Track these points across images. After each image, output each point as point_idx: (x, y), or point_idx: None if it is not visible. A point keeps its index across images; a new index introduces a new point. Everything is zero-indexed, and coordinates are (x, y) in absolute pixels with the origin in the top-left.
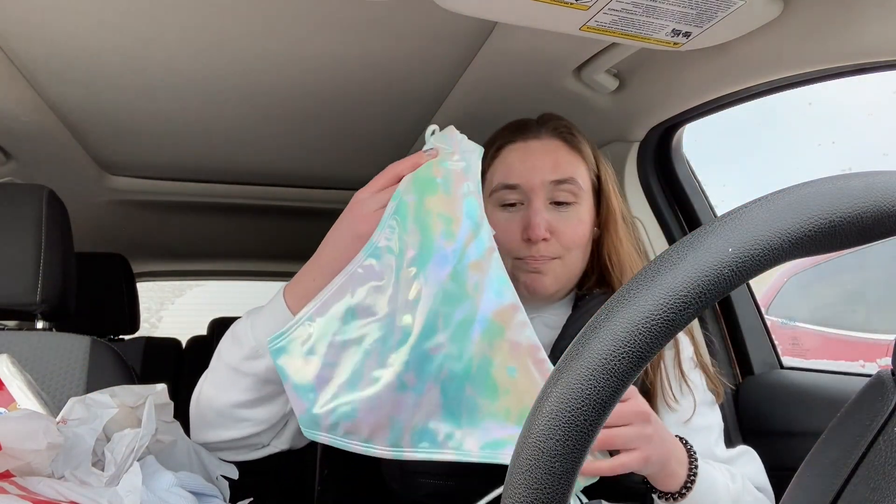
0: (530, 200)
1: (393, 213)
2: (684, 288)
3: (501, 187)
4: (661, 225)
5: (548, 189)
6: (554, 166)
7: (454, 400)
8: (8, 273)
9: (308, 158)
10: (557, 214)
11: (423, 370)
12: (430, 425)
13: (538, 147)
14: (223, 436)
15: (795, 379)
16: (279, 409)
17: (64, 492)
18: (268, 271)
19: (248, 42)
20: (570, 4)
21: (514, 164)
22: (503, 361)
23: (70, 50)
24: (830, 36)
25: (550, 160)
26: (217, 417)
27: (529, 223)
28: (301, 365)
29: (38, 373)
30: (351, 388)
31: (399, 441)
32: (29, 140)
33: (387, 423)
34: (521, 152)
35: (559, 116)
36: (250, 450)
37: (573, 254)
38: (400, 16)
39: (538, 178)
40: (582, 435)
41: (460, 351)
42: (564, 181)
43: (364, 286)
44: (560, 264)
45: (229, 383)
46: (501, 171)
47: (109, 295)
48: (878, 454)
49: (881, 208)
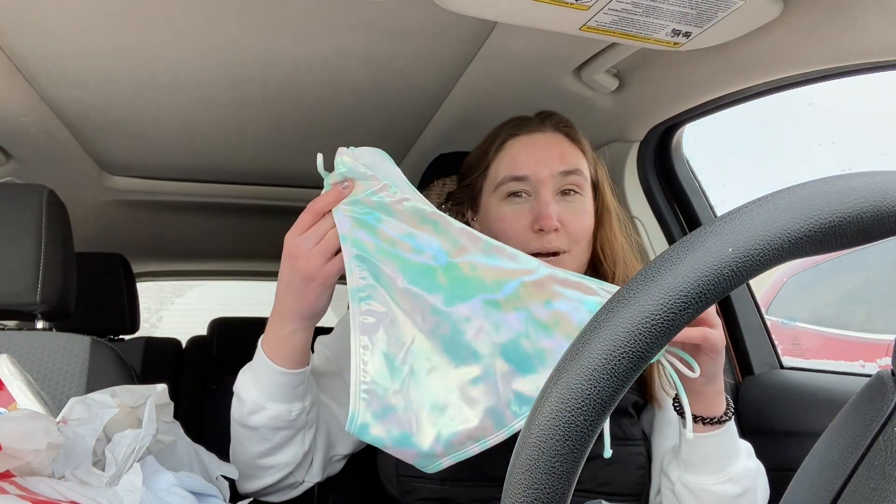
0: (539, 192)
1: (354, 255)
2: (684, 288)
3: (509, 179)
4: (661, 225)
5: (556, 180)
6: (561, 157)
7: (522, 358)
8: (8, 273)
9: (308, 158)
10: (565, 205)
11: (478, 356)
12: (517, 388)
13: (543, 139)
14: (258, 484)
15: (795, 379)
16: (298, 449)
17: (64, 492)
18: (268, 271)
19: (248, 42)
20: (570, 4)
21: (520, 156)
22: (538, 303)
23: (70, 50)
24: (830, 36)
25: (557, 151)
26: (247, 469)
27: (541, 213)
28: (385, 428)
29: (38, 373)
30: (438, 413)
31: (503, 420)
32: (29, 140)
33: (485, 415)
34: (526, 145)
35: (557, 113)
36: (289, 490)
37: (580, 246)
38: (400, 16)
39: (546, 169)
40: (582, 435)
41: (497, 322)
42: (571, 172)
43: (379, 330)
44: (569, 258)
45: (245, 438)
46: (507, 163)
47: (109, 295)
48: (878, 454)
49: (881, 208)
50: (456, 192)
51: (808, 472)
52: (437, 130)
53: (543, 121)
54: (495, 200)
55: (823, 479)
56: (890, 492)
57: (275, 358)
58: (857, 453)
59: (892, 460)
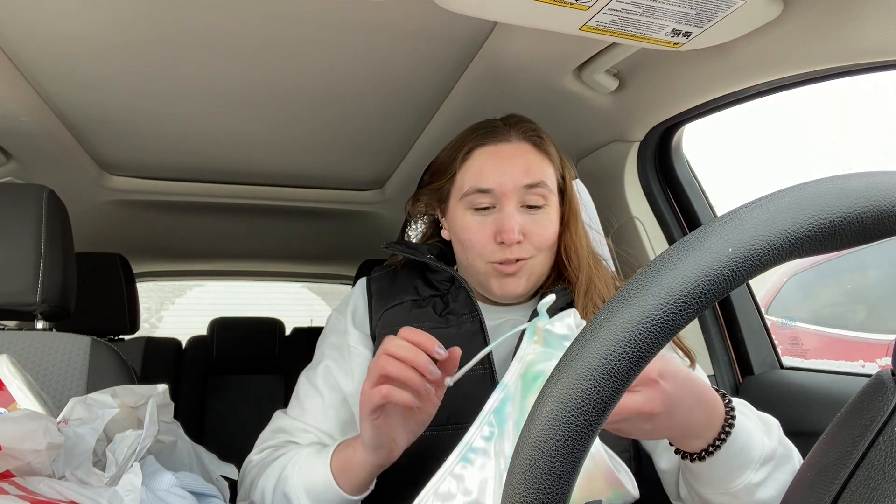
0: (503, 205)
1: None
2: (684, 288)
3: (474, 191)
4: (661, 225)
5: (520, 193)
6: (525, 170)
7: None
8: (8, 273)
9: (308, 158)
10: (529, 217)
11: None
12: None
13: (509, 150)
14: None
15: (795, 379)
16: None
17: (64, 492)
18: (267, 271)
19: (248, 42)
20: (570, 4)
21: (485, 168)
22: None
23: (70, 50)
24: (830, 36)
25: (522, 164)
26: None
27: (503, 227)
28: None
29: (38, 373)
30: None
31: None
32: (29, 140)
33: None
34: (492, 156)
35: (525, 118)
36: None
37: (543, 254)
38: (400, 16)
39: (510, 182)
40: (582, 435)
41: None
42: (536, 185)
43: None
44: (531, 265)
45: None
46: (473, 174)
47: (109, 295)
48: (878, 454)
49: (881, 208)
50: (424, 192)
51: (808, 472)
52: (437, 130)
53: (510, 129)
54: (461, 209)
55: (823, 479)
56: (890, 492)
57: (338, 478)
58: (857, 453)
59: (892, 460)
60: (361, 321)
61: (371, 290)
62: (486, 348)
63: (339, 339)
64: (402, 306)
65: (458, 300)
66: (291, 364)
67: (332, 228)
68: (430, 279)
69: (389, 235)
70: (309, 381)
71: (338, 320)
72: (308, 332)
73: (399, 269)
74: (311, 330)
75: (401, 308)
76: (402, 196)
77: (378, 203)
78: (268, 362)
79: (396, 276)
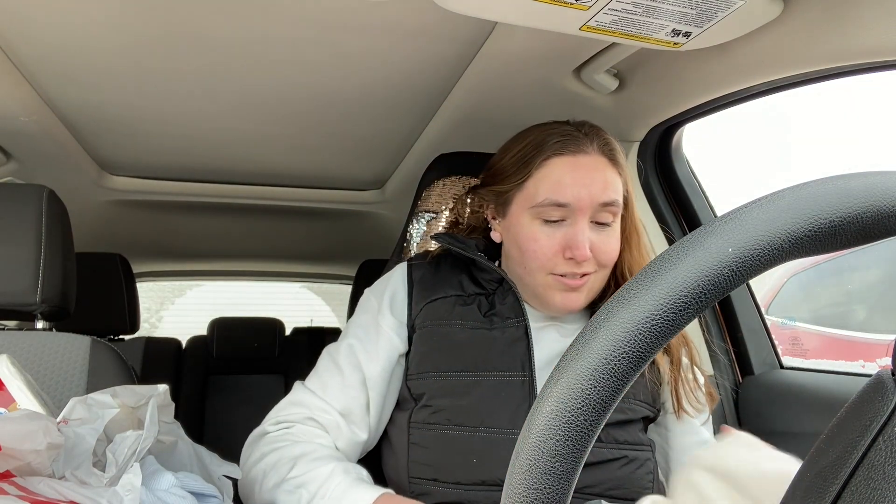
0: (576, 219)
1: None
2: (684, 288)
3: (549, 203)
4: (661, 225)
5: (594, 209)
6: (603, 188)
7: None
8: (8, 273)
9: (308, 158)
10: (597, 234)
11: None
12: None
13: (587, 164)
14: None
15: (795, 379)
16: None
17: (64, 492)
18: (267, 271)
19: (248, 42)
20: (570, 4)
21: (564, 180)
22: None
23: (70, 50)
24: (830, 36)
25: (601, 180)
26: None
27: (575, 243)
28: None
29: (38, 373)
30: None
31: None
32: (29, 140)
33: None
34: (571, 168)
35: (599, 128)
36: None
37: (605, 271)
38: (400, 16)
39: (588, 198)
40: (582, 435)
41: None
42: (610, 203)
43: None
44: (593, 280)
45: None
46: (550, 185)
47: (109, 295)
48: (878, 454)
49: (881, 208)
50: (482, 191)
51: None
52: (437, 130)
53: (589, 140)
54: (528, 217)
55: (823, 479)
56: (890, 492)
57: None
58: (857, 453)
59: (892, 460)
60: (400, 309)
61: (413, 278)
62: None
63: (370, 318)
64: (447, 300)
65: (506, 303)
66: (291, 364)
67: (333, 228)
68: (476, 277)
69: (389, 235)
70: (331, 356)
71: (371, 301)
72: (308, 332)
73: (440, 261)
74: (311, 330)
75: (445, 302)
76: (402, 196)
77: (378, 203)
78: (268, 362)
79: (439, 268)
